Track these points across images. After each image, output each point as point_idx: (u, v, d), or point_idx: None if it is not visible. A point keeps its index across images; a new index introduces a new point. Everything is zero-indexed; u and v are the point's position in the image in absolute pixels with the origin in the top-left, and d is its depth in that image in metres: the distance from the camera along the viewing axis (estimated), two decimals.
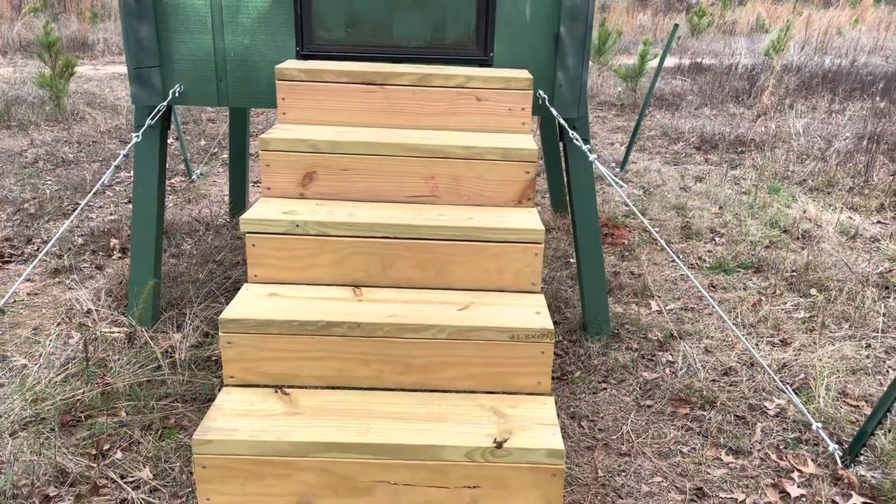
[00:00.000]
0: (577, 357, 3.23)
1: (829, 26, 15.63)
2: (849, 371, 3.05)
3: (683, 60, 12.01)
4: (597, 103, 9.35)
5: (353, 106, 2.77)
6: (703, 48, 13.98)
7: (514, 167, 2.58)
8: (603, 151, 6.85)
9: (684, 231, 4.68)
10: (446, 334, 2.13)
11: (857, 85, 9.28)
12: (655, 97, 9.09)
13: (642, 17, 18.84)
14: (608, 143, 7.26)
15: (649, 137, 7.29)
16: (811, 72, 10.14)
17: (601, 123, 8.23)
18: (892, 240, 4.44)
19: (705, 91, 9.23)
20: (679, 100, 8.97)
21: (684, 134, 7.23)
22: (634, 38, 14.83)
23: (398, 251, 2.36)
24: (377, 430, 1.95)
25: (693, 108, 8.50)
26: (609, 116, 8.62)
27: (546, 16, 3.00)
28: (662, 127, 7.59)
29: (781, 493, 2.39)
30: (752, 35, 16.16)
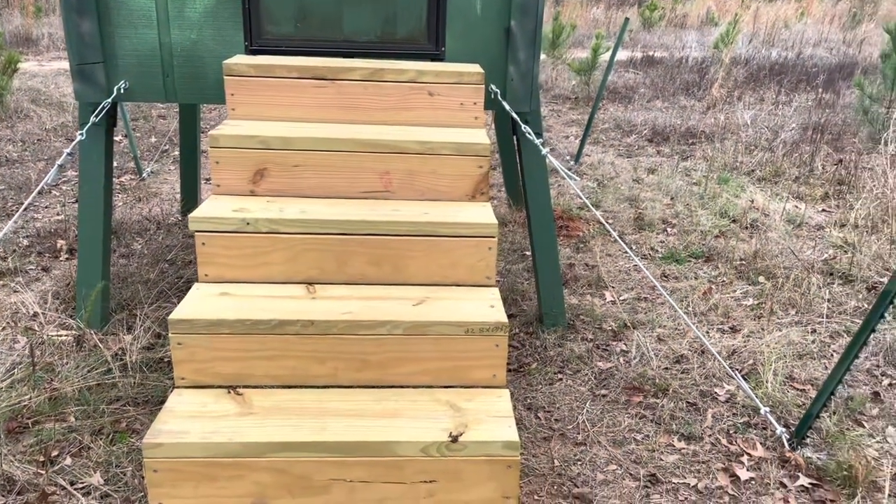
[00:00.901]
0: (533, 349, 3.26)
1: (776, 19, 16.02)
2: (795, 356, 3.15)
3: (636, 54, 12.18)
4: (551, 97, 9.42)
5: (304, 101, 2.74)
6: (655, 41, 14.19)
7: (467, 162, 2.58)
8: (558, 145, 6.91)
9: (637, 222, 4.76)
10: (401, 330, 2.13)
11: (803, 77, 9.54)
12: (609, 90, 9.21)
13: (596, 11, 19.04)
14: (563, 136, 7.33)
15: (603, 130, 7.38)
16: (759, 64, 10.38)
17: (556, 117, 8.30)
18: (835, 227, 4.58)
19: (657, 84, 9.37)
20: (632, 93, 9.10)
21: (637, 126, 7.34)
22: (588, 32, 14.97)
23: (352, 247, 2.35)
24: (333, 428, 1.94)
25: (645, 101, 8.63)
26: (564, 110, 8.70)
27: (497, 10, 3.01)
28: (616, 120, 7.69)
29: (732, 476, 2.45)
30: (703, 28, 16.46)
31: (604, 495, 2.37)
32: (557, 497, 2.36)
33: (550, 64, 10.90)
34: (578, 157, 6.26)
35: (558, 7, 17.58)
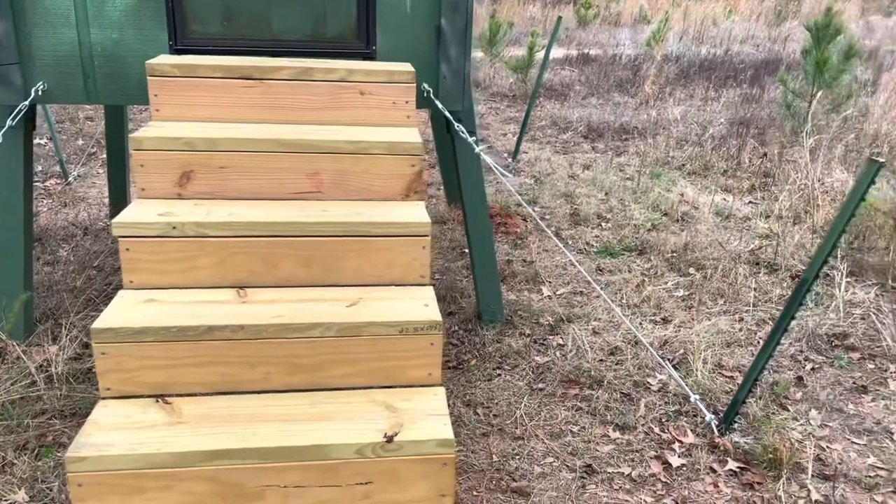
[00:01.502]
0: (472, 345, 3.28)
1: (705, 17, 16.49)
2: (724, 344, 3.25)
3: (572, 51, 12.37)
4: (490, 94, 9.49)
5: (231, 102, 2.69)
6: (590, 39, 14.44)
7: (400, 161, 2.57)
8: (496, 142, 6.96)
9: (573, 217, 4.83)
10: (334, 332, 2.11)
11: (731, 73, 9.85)
12: (546, 88, 9.32)
13: (532, 9, 19.24)
14: (501, 133, 7.39)
15: (540, 127, 7.47)
16: (689, 61, 10.67)
17: (494, 114, 8.36)
18: (761, 218, 4.75)
19: (592, 81, 9.54)
20: (568, 90, 9.23)
21: (573, 123, 7.45)
22: (525, 30, 15.11)
23: (283, 249, 2.32)
24: (265, 434, 1.92)
25: (581, 98, 8.77)
26: (502, 107, 8.76)
27: (427, 8, 3.01)
28: (552, 117, 7.79)
29: (664, 464, 2.51)
30: (636, 26, 16.82)
31: (541, 488, 2.40)
32: (496, 492, 2.38)
33: (488, 62, 10.97)
34: (516, 154, 6.32)
35: (495, 5, 17.70)
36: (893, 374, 3.06)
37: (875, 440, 2.66)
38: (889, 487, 2.42)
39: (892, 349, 3.17)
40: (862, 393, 2.95)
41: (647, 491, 2.39)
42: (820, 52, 6.48)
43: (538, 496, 2.36)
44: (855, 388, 2.97)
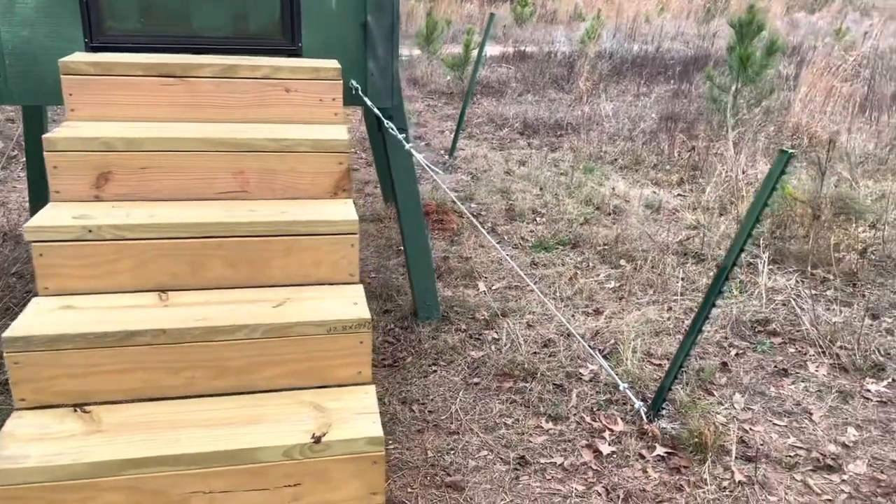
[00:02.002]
0: (408, 343, 3.28)
1: (637, 14, 16.86)
2: (652, 333, 3.33)
3: (508, 49, 12.46)
4: (427, 92, 9.48)
5: (151, 100, 2.62)
6: (526, 37, 14.58)
7: (326, 158, 2.55)
8: (433, 140, 6.97)
9: (509, 213, 4.88)
10: (260, 333, 2.08)
11: (662, 69, 10.09)
12: (482, 85, 9.38)
13: (470, 7, 19.32)
14: (438, 130, 7.40)
15: (477, 124, 7.51)
16: (622, 57, 10.89)
17: (432, 112, 8.37)
18: (689, 210, 4.89)
19: (528, 78, 9.64)
20: (504, 87, 9.30)
21: (509, 120, 7.52)
22: (463, 28, 15.17)
23: (208, 251, 2.27)
24: (189, 440, 1.87)
25: (517, 95, 8.86)
26: (439, 105, 8.77)
27: (353, 5, 2.99)
28: (489, 114, 7.84)
29: (595, 452, 2.56)
30: (571, 24, 17.07)
31: (475, 481, 2.42)
32: (430, 487, 2.39)
33: (426, 59, 10.96)
34: (452, 151, 6.34)
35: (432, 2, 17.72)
36: (812, 357, 3.19)
37: (795, 421, 2.77)
38: (808, 466, 2.52)
39: (810, 333, 3.31)
40: (783, 376, 3.06)
41: (579, 479, 2.44)
42: (743, 48, 6.70)
43: (472, 490, 2.38)
44: (776, 372, 3.09)
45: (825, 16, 19.21)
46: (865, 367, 3.09)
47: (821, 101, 6.58)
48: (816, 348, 3.24)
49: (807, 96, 6.54)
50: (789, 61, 10.37)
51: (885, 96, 7.80)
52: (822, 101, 6.61)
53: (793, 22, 17.71)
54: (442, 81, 9.72)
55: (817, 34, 14.44)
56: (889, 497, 2.37)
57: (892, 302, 3.65)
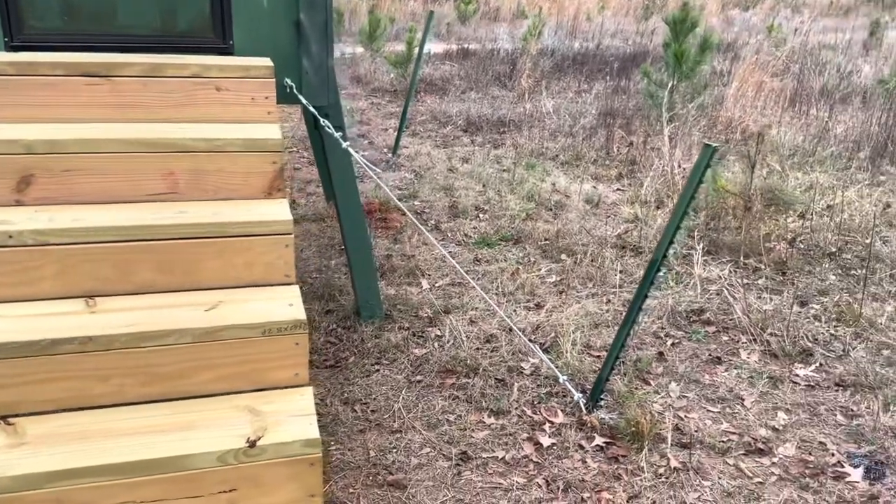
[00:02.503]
0: (351, 342, 3.26)
1: (578, 12, 17.10)
2: (592, 325, 3.39)
3: (452, 46, 12.50)
4: (371, 90, 9.44)
5: (75, 101, 2.53)
6: (470, 34, 14.64)
7: (259, 158, 2.51)
8: (377, 138, 6.94)
9: (452, 210, 4.89)
10: (192, 338, 2.03)
11: (602, 66, 10.26)
12: (426, 83, 9.38)
13: (413, 4, 19.30)
14: (382, 129, 7.37)
15: (421, 122, 7.51)
16: (563, 55, 11.03)
17: (376, 110, 8.33)
18: (627, 204, 4.98)
19: (471, 76, 9.68)
20: (447, 85, 9.33)
21: (452, 117, 7.54)
22: (407, 25, 15.14)
23: (137, 255, 2.21)
24: (119, 449, 1.82)
25: (460, 93, 8.89)
26: (383, 103, 8.74)
27: (285, 3, 2.95)
28: (433, 111, 7.85)
29: (536, 444, 2.59)
30: (514, 21, 17.21)
31: (417, 479, 2.42)
32: (372, 487, 2.38)
33: (369, 57, 10.91)
34: (396, 149, 6.32)
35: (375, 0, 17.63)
36: (744, 345, 3.29)
37: (728, 407, 2.85)
38: (740, 450, 2.60)
39: (742, 321, 3.41)
40: (717, 364, 3.15)
41: (520, 472, 2.46)
42: (678, 45, 6.86)
43: (414, 487, 2.38)
44: (710, 360, 3.18)
45: (759, 13, 19.83)
46: (794, 353, 3.20)
47: (752, 96, 6.79)
48: (748, 336, 3.34)
49: (739, 91, 6.74)
50: (724, 57, 10.67)
51: (813, 90, 8.09)
52: (754, 95, 6.82)
53: (728, 19, 18.22)
54: (385, 79, 9.69)
55: (751, 31, 14.89)
56: (816, 478, 2.46)
57: (819, 289, 3.80)
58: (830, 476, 2.47)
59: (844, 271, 4.02)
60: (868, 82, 8.49)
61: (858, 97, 7.83)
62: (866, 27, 13.14)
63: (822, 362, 3.15)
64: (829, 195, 5.02)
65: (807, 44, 11.30)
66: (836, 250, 4.25)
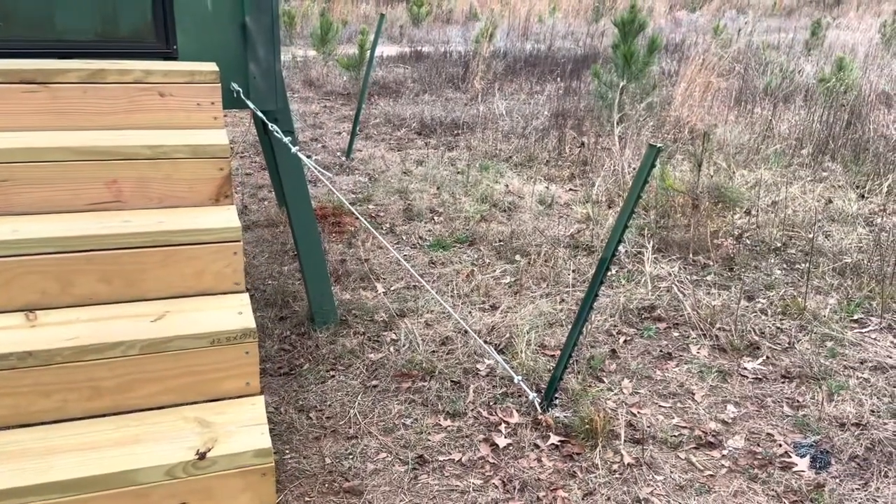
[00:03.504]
0: (305, 349, 3.23)
1: (529, 14, 17.25)
2: (546, 325, 3.42)
3: (405, 49, 12.49)
4: (323, 93, 9.37)
5: (11, 109, 2.46)
6: (422, 37, 14.65)
7: (206, 164, 2.47)
8: (329, 142, 6.89)
9: (407, 213, 4.88)
10: (138, 349, 1.99)
11: (553, 67, 10.36)
12: (379, 85, 9.35)
13: (366, 7, 19.23)
14: (335, 132, 7.32)
15: (374, 125, 7.48)
16: (515, 57, 11.12)
17: (329, 113, 8.27)
18: (579, 204, 5.04)
19: (424, 78, 9.68)
20: (401, 87, 9.31)
21: (406, 120, 7.53)
22: (359, 28, 15.08)
23: (79, 266, 2.15)
24: (62, 466, 1.77)
25: (413, 95, 8.88)
26: (336, 106, 8.69)
27: (229, 6, 2.91)
28: (386, 114, 7.83)
29: (492, 445, 2.60)
30: (467, 24, 17.28)
31: (374, 484, 2.41)
32: (328, 495, 2.36)
33: (321, 60, 10.83)
34: (349, 152, 6.29)
35: (327, 2, 17.51)
36: (694, 340, 3.36)
37: (679, 402, 2.91)
38: (691, 444, 2.65)
39: (692, 317, 3.48)
40: (668, 359, 3.21)
41: (476, 474, 2.47)
42: (627, 46, 6.97)
43: (371, 493, 2.37)
44: (662, 356, 3.23)
45: (706, 14, 20.28)
46: (742, 347, 3.28)
47: (699, 96, 6.94)
48: (698, 331, 3.41)
49: (686, 91, 6.88)
50: (672, 58, 10.88)
51: (757, 90, 8.31)
52: (701, 95, 6.97)
53: (675, 20, 18.60)
54: (338, 82, 9.64)
55: (698, 32, 15.22)
56: (765, 468, 2.52)
57: (765, 283, 3.90)
58: (778, 466, 2.53)
59: (789, 266, 4.13)
60: (810, 81, 8.75)
61: (801, 96, 8.07)
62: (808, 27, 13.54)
63: (769, 355, 3.23)
64: (774, 192, 5.16)
65: (751, 44, 11.60)
66: (780, 245, 4.37)
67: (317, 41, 10.91)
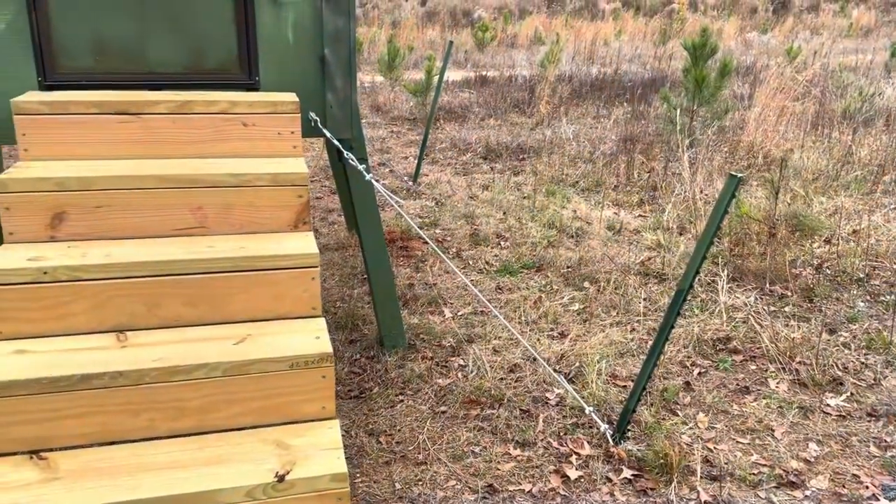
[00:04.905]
0: (374, 373, 3.26)
1: (595, 37, 17.20)
2: (617, 354, 3.36)
3: (470, 74, 12.61)
4: (390, 118, 9.54)
5: (106, 138, 2.59)
6: (488, 61, 14.77)
7: (285, 192, 2.55)
8: (396, 166, 7.00)
9: (473, 238, 4.91)
10: (221, 372, 2.05)
11: (620, 91, 10.29)
12: (445, 110, 9.46)
13: (432, 33, 19.55)
14: (402, 157, 7.43)
15: (440, 150, 7.56)
16: (581, 80, 11.08)
17: (396, 138, 8.41)
18: (649, 230, 4.96)
19: (490, 103, 9.75)
20: (467, 112, 9.40)
21: (472, 145, 7.59)
22: (425, 54, 15.32)
23: (165, 289, 2.24)
24: (150, 484, 1.84)
25: (479, 120, 8.95)
26: (403, 131, 8.83)
27: (310, 39, 3.01)
28: (452, 139, 7.91)
29: (563, 477, 2.57)
30: (532, 47, 17.34)
31: None
32: None
33: (388, 86, 11.04)
34: (416, 177, 6.37)
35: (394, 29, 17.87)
36: (773, 374, 3.25)
37: (757, 438, 2.81)
38: (772, 483, 2.56)
39: (770, 350, 3.37)
40: (745, 393, 3.11)
41: None
42: (698, 70, 6.87)
43: None
44: (738, 389, 3.14)
45: (777, 35, 19.81)
46: (824, 382, 3.16)
47: (774, 120, 6.76)
48: (776, 364, 3.30)
49: (760, 115, 6.72)
50: (743, 81, 10.66)
51: (835, 113, 8.05)
52: (776, 119, 6.79)
53: (746, 42, 18.22)
54: (405, 108, 9.79)
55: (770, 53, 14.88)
56: None
57: (848, 316, 3.75)
58: None
59: (873, 297, 3.96)
60: (891, 104, 8.43)
61: (882, 120, 7.77)
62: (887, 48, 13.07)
63: (853, 392, 3.09)
64: (855, 220, 4.97)
65: (827, 66, 11.26)
66: (863, 276, 4.20)
67: (384, 67, 11.14)
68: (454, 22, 22.10)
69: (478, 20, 20.88)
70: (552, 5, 25.83)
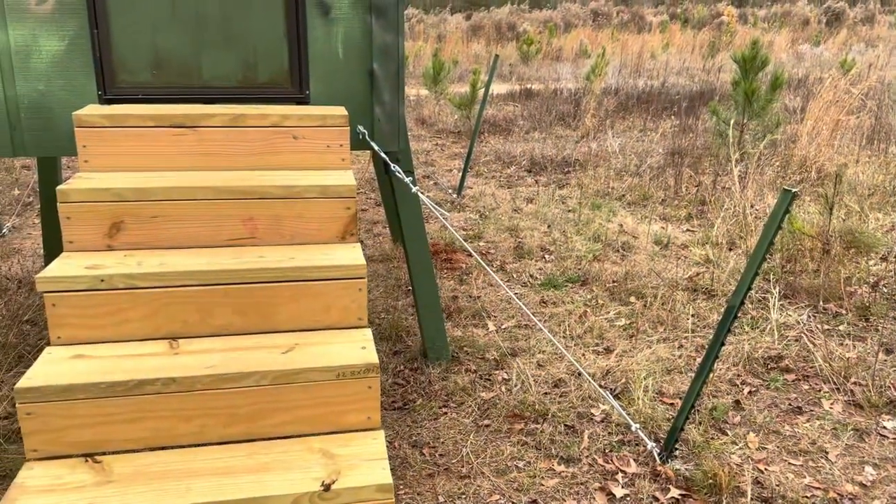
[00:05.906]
0: (418, 384, 3.27)
1: (642, 50, 17.06)
2: (664, 371, 3.31)
3: (515, 87, 12.63)
4: (435, 131, 9.60)
5: (162, 150, 2.67)
6: (532, 74, 14.78)
7: (334, 204, 2.59)
8: (441, 178, 7.03)
9: (517, 251, 4.89)
10: (269, 380, 2.09)
11: (667, 104, 10.17)
12: (490, 123, 9.48)
13: (476, 47, 19.65)
14: (446, 169, 7.47)
15: (485, 162, 7.58)
16: (627, 93, 10.99)
17: (440, 151, 8.46)
18: (698, 245, 4.88)
19: (535, 116, 9.74)
20: (511, 125, 9.40)
21: (516, 157, 7.58)
22: (470, 67, 15.39)
23: (217, 298, 2.29)
24: (199, 490, 1.87)
25: (524, 133, 8.94)
26: (447, 144, 8.87)
27: (359, 53, 3.06)
28: (497, 152, 7.92)
29: (608, 495, 2.53)
30: (577, 60, 17.29)
31: None
32: None
33: (433, 99, 11.12)
34: (460, 189, 6.39)
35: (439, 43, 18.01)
36: (826, 394, 3.16)
37: (811, 460, 2.73)
38: None
39: (824, 369, 3.27)
40: (797, 413, 3.03)
41: None
42: (748, 83, 6.76)
43: None
44: (790, 409, 3.05)
45: (830, 47, 19.37)
46: (881, 404, 3.05)
47: (828, 134, 6.60)
48: (830, 384, 3.20)
49: (813, 129, 6.57)
50: (795, 94, 10.44)
51: (892, 127, 7.81)
52: (829, 133, 6.63)
53: (797, 54, 17.85)
54: (449, 120, 9.85)
55: (822, 66, 14.54)
56: None
57: None
58: None
59: None
60: None
61: None
62: None
63: None
64: None
65: (884, 79, 10.95)
66: None
67: (429, 80, 11.23)
68: (499, 35, 22.18)
69: (523, 33, 20.91)
70: (598, 18, 25.73)
